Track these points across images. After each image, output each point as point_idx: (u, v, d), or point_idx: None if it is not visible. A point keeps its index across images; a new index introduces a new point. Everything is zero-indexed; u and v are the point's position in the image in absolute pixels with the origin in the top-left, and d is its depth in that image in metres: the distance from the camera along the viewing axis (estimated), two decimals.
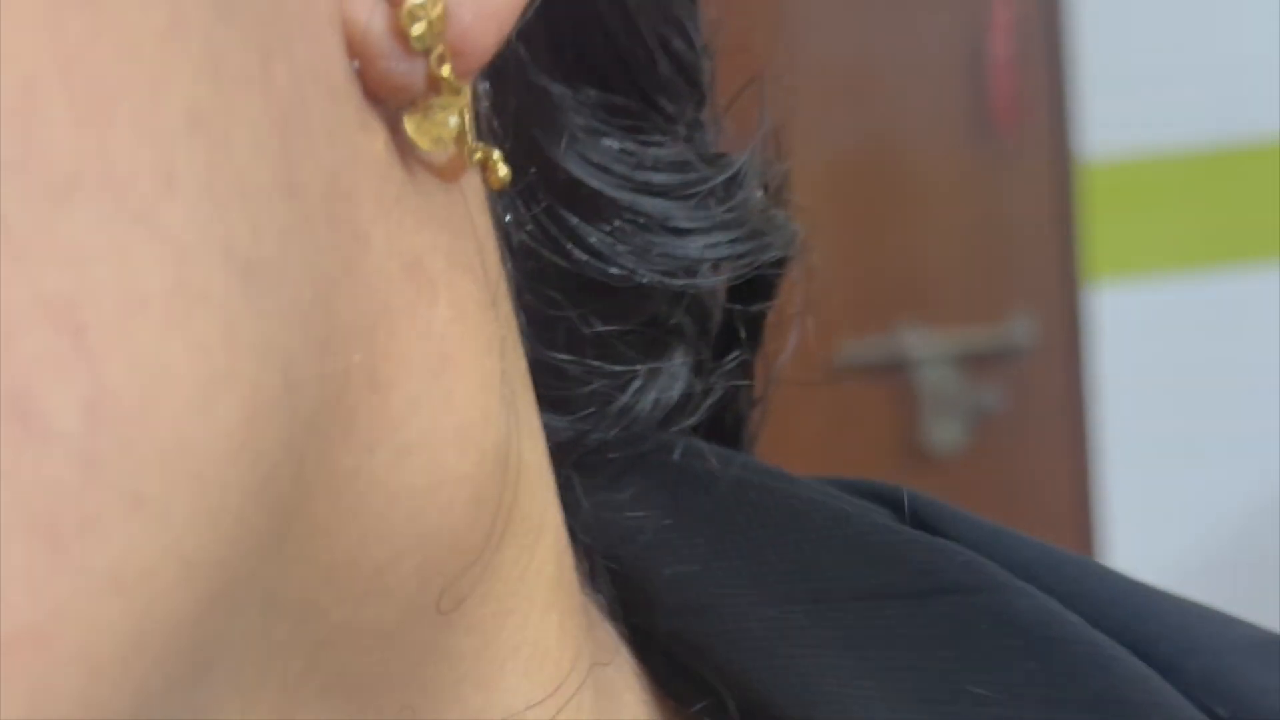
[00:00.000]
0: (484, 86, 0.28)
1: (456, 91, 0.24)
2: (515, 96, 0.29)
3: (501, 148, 0.26)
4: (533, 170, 0.29)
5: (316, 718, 0.24)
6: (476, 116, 0.26)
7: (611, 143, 0.30)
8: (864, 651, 0.29)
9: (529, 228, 0.30)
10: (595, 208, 0.30)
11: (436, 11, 0.23)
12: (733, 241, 0.31)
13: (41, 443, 0.18)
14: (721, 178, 0.31)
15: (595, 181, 0.29)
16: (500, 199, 0.29)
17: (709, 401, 0.32)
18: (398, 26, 0.23)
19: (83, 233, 0.19)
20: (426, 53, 0.23)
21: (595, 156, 0.30)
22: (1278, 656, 0.31)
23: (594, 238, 0.30)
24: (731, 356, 0.33)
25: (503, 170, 0.25)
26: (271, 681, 0.23)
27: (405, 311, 0.24)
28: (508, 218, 0.29)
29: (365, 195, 0.23)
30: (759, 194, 0.32)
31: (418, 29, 0.23)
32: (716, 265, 0.31)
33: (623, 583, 0.30)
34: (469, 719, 0.26)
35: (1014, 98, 1.77)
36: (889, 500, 0.32)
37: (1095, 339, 1.77)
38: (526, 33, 0.28)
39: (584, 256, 0.30)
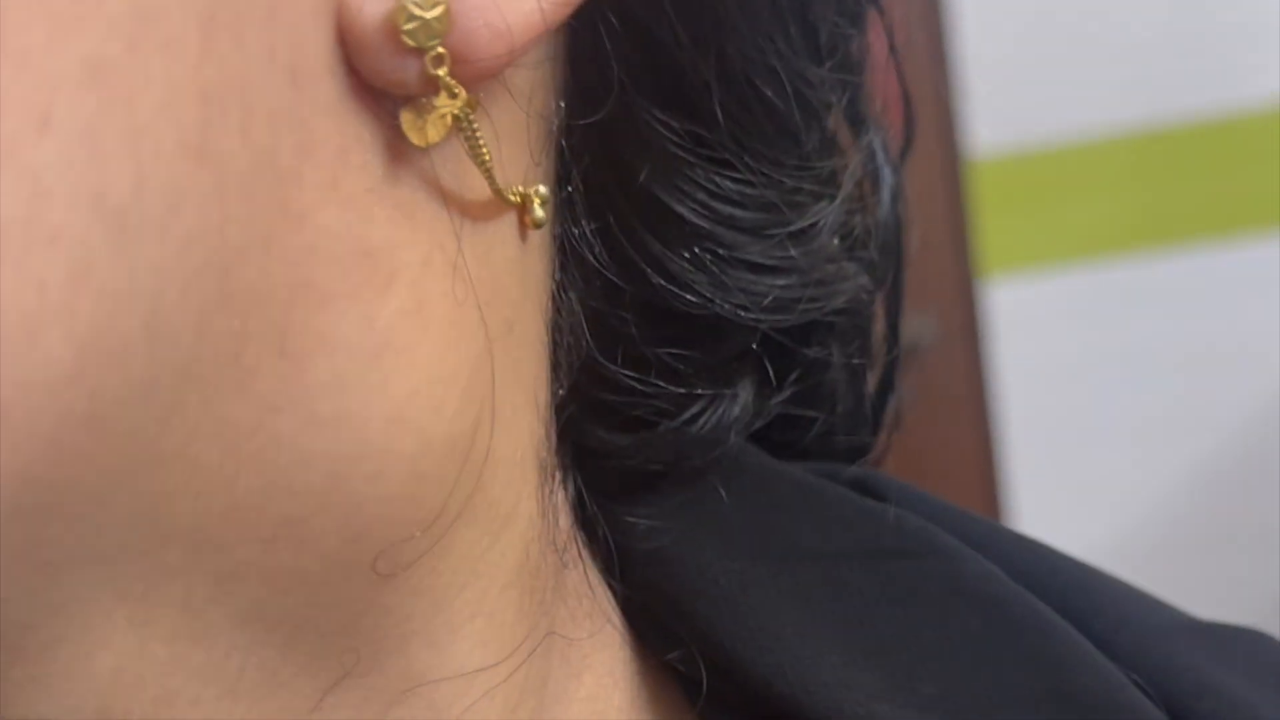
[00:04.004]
0: (557, 104, 0.28)
1: (454, 94, 0.24)
2: (608, 115, 0.29)
3: (580, 163, 0.27)
4: (614, 188, 0.30)
5: (233, 643, 0.25)
6: (531, 135, 0.27)
7: (698, 174, 0.30)
8: (821, 606, 0.31)
9: (597, 250, 0.30)
10: (676, 233, 0.30)
11: (434, 13, 0.24)
12: (804, 285, 0.32)
13: None
14: (801, 223, 0.32)
15: (678, 206, 0.30)
16: (569, 218, 0.30)
17: (756, 425, 0.33)
18: (391, 23, 0.23)
19: None
20: (419, 52, 0.24)
21: (681, 183, 0.30)
22: (1201, 640, 0.33)
23: (673, 264, 0.30)
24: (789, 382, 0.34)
25: (539, 214, 0.26)
26: (168, 599, 0.25)
27: (344, 295, 0.24)
28: (575, 231, 0.30)
29: (314, 179, 0.24)
30: (835, 244, 0.33)
31: (408, 26, 0.23)
32: (788, 306, 0.32)
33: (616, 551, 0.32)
34: (417, 671, 0.27)
35: (896, 97, 1.77)
36: (853, 480, 0.34)
37: (993, 333, 1.79)
38: (628, 55, 0.28)
39: (660, 281, 0.30)
